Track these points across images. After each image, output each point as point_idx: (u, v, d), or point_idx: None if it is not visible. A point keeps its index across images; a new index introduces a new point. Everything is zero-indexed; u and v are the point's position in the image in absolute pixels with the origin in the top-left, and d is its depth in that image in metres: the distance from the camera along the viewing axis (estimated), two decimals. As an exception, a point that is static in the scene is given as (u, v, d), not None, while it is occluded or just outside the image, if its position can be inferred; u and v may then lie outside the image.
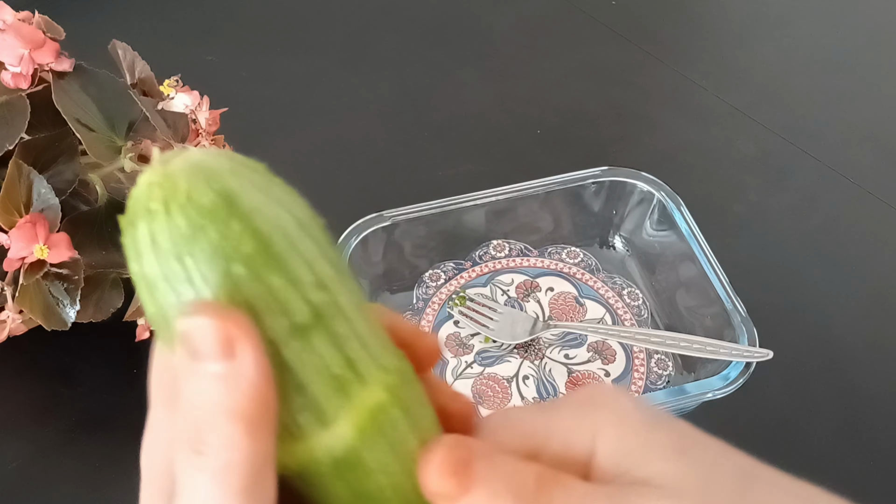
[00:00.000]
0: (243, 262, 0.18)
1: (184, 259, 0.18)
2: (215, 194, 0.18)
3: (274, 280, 0.18)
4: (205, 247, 0.18)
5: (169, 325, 0.19)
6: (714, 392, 0.48)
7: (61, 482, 0.51)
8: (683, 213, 0.57)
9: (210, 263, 0.18)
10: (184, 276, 0.18)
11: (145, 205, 0.18)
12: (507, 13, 0.86)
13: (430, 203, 0.58)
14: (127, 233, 0.19)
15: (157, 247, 0.18)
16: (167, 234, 0.18)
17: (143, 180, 0.19)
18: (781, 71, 0.81)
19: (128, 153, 0.50)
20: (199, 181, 0.18)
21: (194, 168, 0.19)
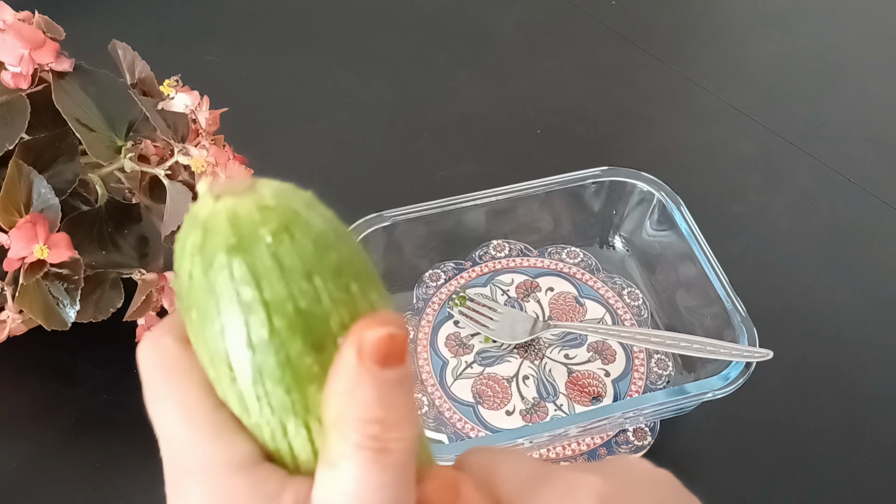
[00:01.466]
0: (357, 281, 0.20)
1: (313, 278, 0.19)
2: (324, 221, 0.20)
3: (373, 297, 0.21)
4: (329, 266, 0.20)
5: (288, 343, 0.19)
6: (714, 392, 0.48)
7: (61, 482, 0.51)
8: (683, 213, 0.57)
9: (335, 281, 0.20)
10: (313, 294, 0.19)
11: (257, 230, 0.19)
12: (507, 13, 0.86)
13: (430, 203, 0.58)
14: (237, 258, 0.19)
15: (284, 268, 0.19)
16: (296, 255, 0.19)
17: (248, 206, 0.19)
18: (781, 71, 0.81)
19: (128, 153, 0.50)
20: (307, 209, 0.20)
21: (290, 196, 0.20)
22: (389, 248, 0.58)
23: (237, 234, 0.19)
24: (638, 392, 0.54)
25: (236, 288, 0.19)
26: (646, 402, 0.48)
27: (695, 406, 0.51)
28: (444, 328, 0.58)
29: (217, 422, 0.20)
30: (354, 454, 0.19)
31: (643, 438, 0.53)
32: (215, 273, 0.19)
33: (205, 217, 0.20)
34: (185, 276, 0.20)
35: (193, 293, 0.20)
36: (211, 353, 0.20)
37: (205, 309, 0.20)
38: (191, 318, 0.20)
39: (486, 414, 0.53)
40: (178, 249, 0.20)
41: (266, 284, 0.19)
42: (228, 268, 0.19)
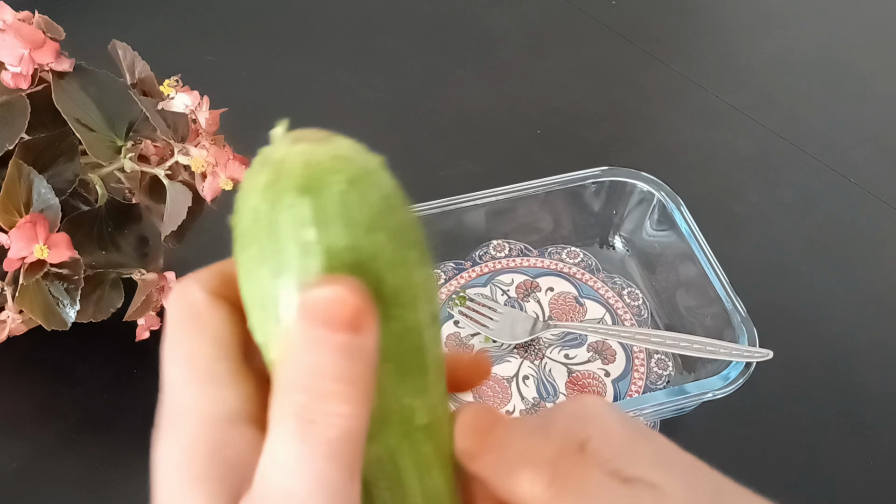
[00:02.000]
0: (414, 249, 0.21)
1: (376, 234, 0.19)
2: (392, 184, 0.21)
3: (426, 270, 0.21)
4: (393, 226, 0.20)
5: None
6: (714, 392, 0.48)
7: (61, 482, 0.51)
8: (683, 213, 0.57)
9: (395, 242, 0.20)
10: (371, 250, 0.19)
11: (330, 177, 0.19)
12: (507, 13, 0.86)
13: (430, 203, 0.58)
14: (307, 198, 0.19)
15: (350, 218, 0.19)
16: (364, 208, 0.19)
17: (324, 153, 0.19)
18: (781, 71, 0.81)
19: (128, 153, 0.50)
20: (379, 168, 0.21)
21: (364, 153, 0.21)
22: (389, 248, 0.58)
23: (310, 177, 0.19)
24: (638, 392, 0.54)
25: (301, 228, 0.19)
26: (646, 402, 0.48)
27: (695, 406, 0.51)
28: (444, 328, 0.58)
29: (215, 371, 0.20)
30: (284, 418, 0.18)
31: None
32: (282, 211, 0.19)
33: (279, 158, 0.19)
34: (250, 212, 0.20)
35: (256, 229, 0.19)
36: (262, 292, 0.20)
37: (265, 245, 0.19)
38: (248, 255, 0.20)
39: (486, 414, 0.53)
40: (244, 186, 0.20)
41: (330, 230, 0.19)
42: (296, 207, 0.19)
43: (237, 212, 0.20)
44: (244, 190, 0.20)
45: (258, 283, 0.20)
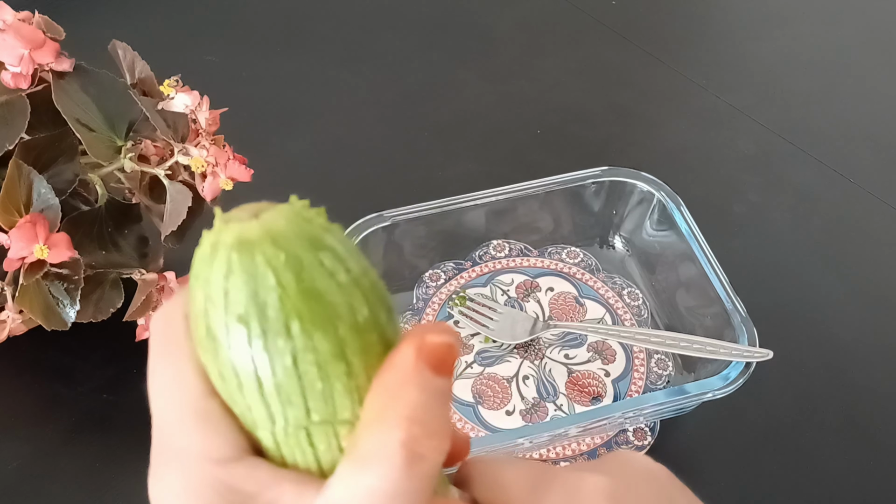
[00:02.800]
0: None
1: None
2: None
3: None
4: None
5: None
6: (714, 392, 0.48)
7: (61, 482, 0.51)
8: (683, 213, 0.57)
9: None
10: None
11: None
12: (507, 13, 0.86)
13: (430, 203, 0.58)
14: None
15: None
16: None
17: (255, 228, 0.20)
18: (781, 71, 0.81)
19: (128, 153, 0.50)
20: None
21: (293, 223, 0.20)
22: (389, 248, 0.58)
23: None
24: (638, 392, 0.54)
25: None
26: (646, 402, 0.48)
27: (695, 406, 0.51)
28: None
29: (205, 409, 0.20)
30: (393, 453, 0.19)
31: (643, 438, 0.53)
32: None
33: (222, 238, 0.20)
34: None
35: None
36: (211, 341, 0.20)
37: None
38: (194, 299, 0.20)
39: (486, 414, 0.53)
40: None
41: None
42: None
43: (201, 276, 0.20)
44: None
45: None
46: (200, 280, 0.19)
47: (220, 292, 0.19)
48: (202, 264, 0.19)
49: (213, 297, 0.19)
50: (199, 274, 0.19)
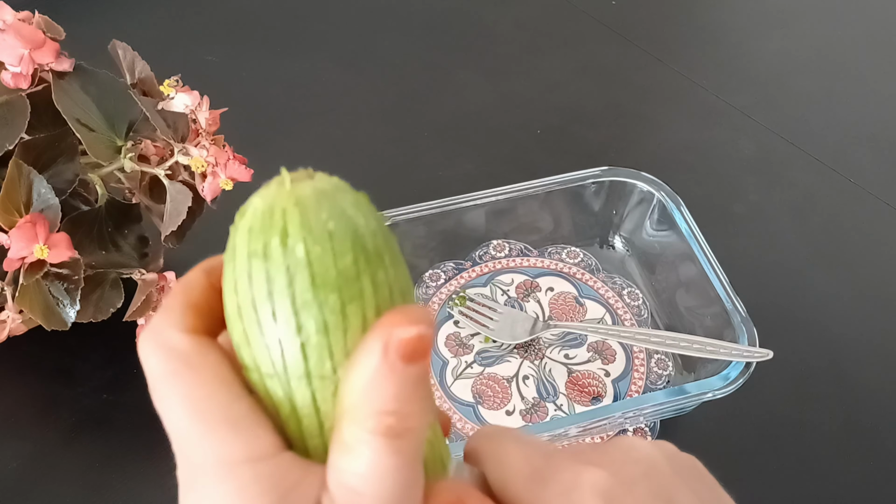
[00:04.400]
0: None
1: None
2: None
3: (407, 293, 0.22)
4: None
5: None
6: (714, 392, 0.48)
7: (61, 482, 0.51)
8: (683, 213, 0.57)
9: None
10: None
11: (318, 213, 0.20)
12: (507, 13, 0.86)
13: (430, 203, 0.58)
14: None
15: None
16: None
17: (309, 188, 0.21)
18: (781, 71, 0.81)
19: (128, 153, 0.50)
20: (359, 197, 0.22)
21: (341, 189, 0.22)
22: (389, 248, 0.58)
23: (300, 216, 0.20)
24: (638, 392, 0.54)
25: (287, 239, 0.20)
26: (646, 402, 0.48)
27: (695, 406, 0.51)
28: (444, 328, 0.58)
29: (235, 414, 0.20)
30: (369, 439, 0.20)
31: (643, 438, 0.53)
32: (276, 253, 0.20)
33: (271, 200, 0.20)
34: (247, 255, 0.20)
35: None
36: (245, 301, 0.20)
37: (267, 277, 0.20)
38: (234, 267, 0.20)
39: (486, 414, 0.53)
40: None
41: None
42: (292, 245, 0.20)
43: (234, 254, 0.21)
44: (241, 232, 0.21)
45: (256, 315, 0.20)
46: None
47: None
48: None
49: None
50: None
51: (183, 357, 0.21)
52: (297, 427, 0.21)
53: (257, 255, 0.20)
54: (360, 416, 0.20)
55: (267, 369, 0.20)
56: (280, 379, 0.20)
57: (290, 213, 0.20)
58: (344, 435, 0.20)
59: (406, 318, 0.20)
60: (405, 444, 0.20)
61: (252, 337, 0.20)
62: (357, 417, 0.20)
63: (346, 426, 0.20)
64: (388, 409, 0.20)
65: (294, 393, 0.20)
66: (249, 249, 0.20)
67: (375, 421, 0.20)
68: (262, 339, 0.20)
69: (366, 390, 0.20)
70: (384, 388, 0.20)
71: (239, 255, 0.20)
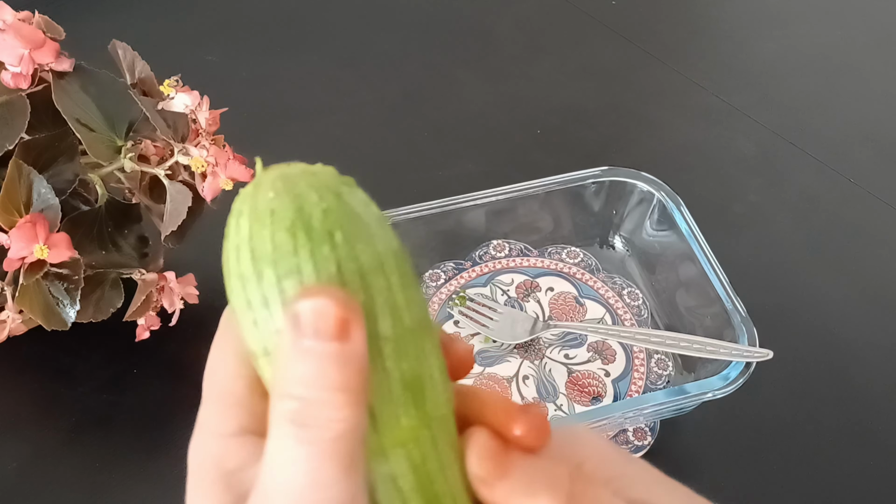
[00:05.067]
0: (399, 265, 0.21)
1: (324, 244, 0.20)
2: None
3: (412, 288, 0.21)
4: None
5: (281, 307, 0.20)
6: (714, 392, 0.48)
7: (61, 482, 0.51)
8: (683, 213, 0.57)
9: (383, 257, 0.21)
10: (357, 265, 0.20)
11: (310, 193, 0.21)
12: (507, 13, 0.86)
13: (430, 203, 0.58)
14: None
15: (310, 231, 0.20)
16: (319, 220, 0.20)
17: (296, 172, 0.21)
18: (781, 71, 0.81)
19: (128, 153, 0.50)
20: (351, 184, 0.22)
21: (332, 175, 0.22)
22: (389, 248, 0.58)
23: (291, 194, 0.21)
24: (638, 392, 0.54)
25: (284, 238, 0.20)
26: (646, 402, 0.48)
27: (695, 406, 0.51)
28: (444, 328, 0.58)
29: (229, 389, 0.21)
30: (279, 423, 0.19)
31: (643, 438, 0.53)
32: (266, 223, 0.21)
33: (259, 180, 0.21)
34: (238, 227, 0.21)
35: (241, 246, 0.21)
36: (249, 302, 0.21)
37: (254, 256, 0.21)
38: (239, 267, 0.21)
39: (486, 414, 0.53)
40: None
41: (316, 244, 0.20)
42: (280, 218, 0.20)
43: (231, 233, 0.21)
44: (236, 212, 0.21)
45: (246, 292, 0.21)
46: (245, 213, 0.21)
47: (266, 213, 0.20)
48: (245, 198, 0.21)
49: (260, 218, 0.20)
50: (241, 209, 0.21)
51: (230, 324, 0.22)
52: None
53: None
54: (273, 394, 0.19)
55: (248, 347, 0.21)
56: (253, 356, 0.21)
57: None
58: (270, 414, 0.20)
59: (316, 291, 0.19)
60: (312, 436, 0.19)
61: (238, 318, 0.21)
62: (272, 397, 0.19)
63: (270, 404, 0.20)
64: (292, 392, 0.19)
65: (264, 369, 0.21)
66: (226, 231, 0.21)
67: (281, 403, 0.19)
68: (238, 317, 0.21)
69: (276, 368, 0.19)
70: (289, 367, 0.19)
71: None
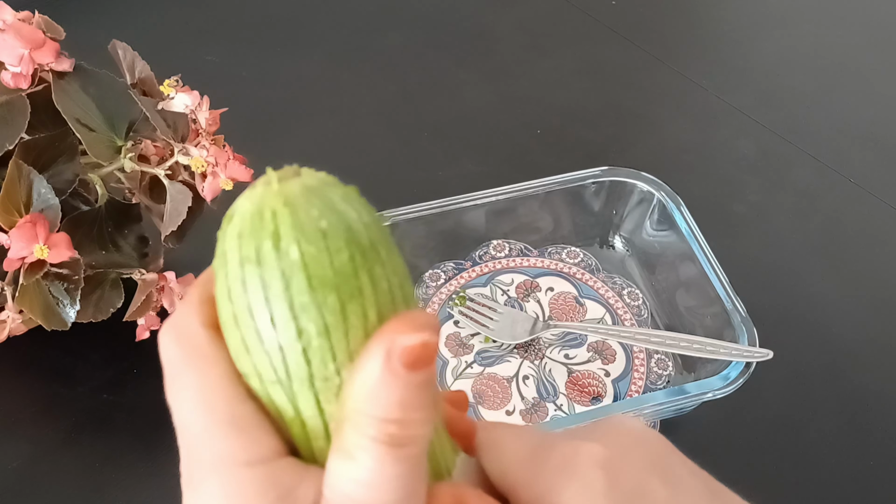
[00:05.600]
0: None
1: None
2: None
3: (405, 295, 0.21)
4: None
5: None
6: (714, 392, 0.48)
7: (61, 482, 0.51)
8: (683, 213, 0.57)
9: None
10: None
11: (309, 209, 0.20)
12: (507, 13, 0.86)
13: (430, 203, 0.58)
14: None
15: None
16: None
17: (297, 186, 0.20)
18: (781, 71, 0.81)
19: (128, 153, 0.50)
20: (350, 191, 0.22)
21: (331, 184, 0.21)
22: (389, 248, 0.58)
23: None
24: (638, 392, 0.54)
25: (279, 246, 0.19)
26: (646, 402, 0.48)
27: (695, 406, 0.51)
28: (444, 328, 0.58)
29: (238, 414, 0.20)
30: (371, 446, 0.19)
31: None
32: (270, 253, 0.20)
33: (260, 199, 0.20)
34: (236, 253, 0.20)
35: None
36: (239, 311, 0.20)
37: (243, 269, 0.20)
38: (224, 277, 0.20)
39: (486, 414, 0.53)
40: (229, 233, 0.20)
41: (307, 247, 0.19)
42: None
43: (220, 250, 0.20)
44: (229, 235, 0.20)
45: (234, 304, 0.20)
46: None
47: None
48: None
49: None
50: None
51: (198, 349, 0.21)
52: (301, 430, 0.21)
53: (250, 261, 0.19)
54: (361, 422, 0.20)
55: (268, 376, 0.20)
56: (283, 384, 0.20)
57: (280, 214, 0.19)
58: (345, 441, 0.20)
59: (410, 324, 0.19)
60: (407, 453, 0.20)
61: (251, 345, 0.20)
62: (359, 424, 0.20)
63: (347, 432, 0.20)
64: (391, 418, 0.19)
65: (297, 397, 0.20)
66: (241, 255, 0.19)
67: (377, 428, 0.19)
68: (262, 346, 0.20)
69: (368, 397, 0.19)
70: (387, 395, 0.19)
71: (231, 262, 0.20)
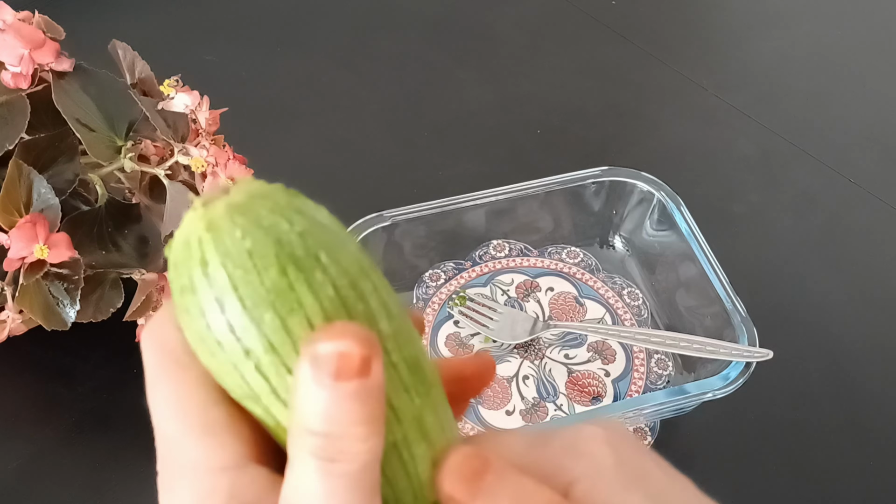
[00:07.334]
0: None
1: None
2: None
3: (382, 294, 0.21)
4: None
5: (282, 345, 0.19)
6: (714, 392, 0.48)
7: (61, 482, 0.51)
8: (683, 213, 0.57)
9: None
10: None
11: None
12: (507, 13, 0.86)
13: (430, 203, 0.58)
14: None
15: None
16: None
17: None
18: (781, 71, 0.81)
19: (128, 153, 0.50)
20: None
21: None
22: (389, 248, 0.58)
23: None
24: (638, 392, 0.54)
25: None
26: (646, 402, 0.48)
27: (695, 406, 0.51)
28: (444, 328, 0.58)
29: (209, 420, 0.20)
30: (305, 458, 0.19)
31: (643, 438, 0.53)
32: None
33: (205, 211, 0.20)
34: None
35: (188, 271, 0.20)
36: (197, 331, 0.20)
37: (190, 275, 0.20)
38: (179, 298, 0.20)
39: (486, 414, 0.53)
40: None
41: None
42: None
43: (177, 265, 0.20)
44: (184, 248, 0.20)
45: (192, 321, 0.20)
46: (214, 262, 0.19)
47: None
48: (201, 246, 0.19)
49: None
50: (206, 258, 0.19)
51: (173, 354, 0.20)
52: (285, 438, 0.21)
53: (186, 290, 0.19)
54: (294, 433, 0.19)
55: (238, 392, 0.20)
56: (253, 399, 0.20)
57: (204, 241, 0.19)
58: (288, 451, 0.20)
59: (333, 333, 0.18)
60: (342, 469, 0.19)
61: (211, 366, 0.20)
62: (292, 434, 0.19)
63: (289, 440, 0.19)
64: (317, 430, 0.19)
65: (270, 409, 0.20)
66: (180, 284, 0.19)
67: (305, 440, 0.19)
68: (221, 367, 0.20)
69: (295, 407, 0.19)
70: (311, 406, 0.18)
71: (174, 292, 0.20)
